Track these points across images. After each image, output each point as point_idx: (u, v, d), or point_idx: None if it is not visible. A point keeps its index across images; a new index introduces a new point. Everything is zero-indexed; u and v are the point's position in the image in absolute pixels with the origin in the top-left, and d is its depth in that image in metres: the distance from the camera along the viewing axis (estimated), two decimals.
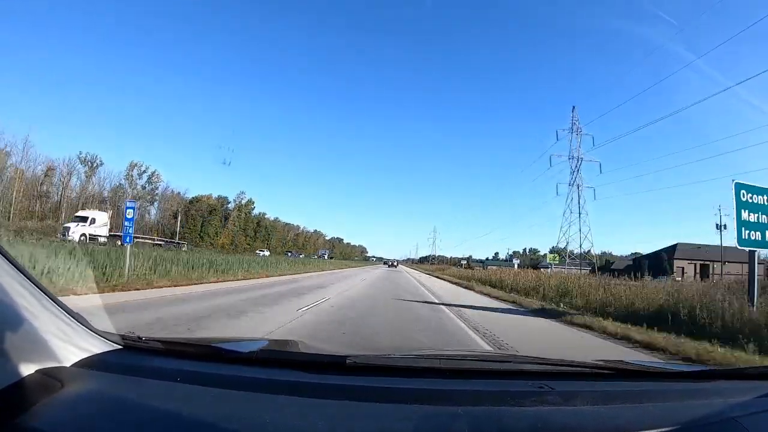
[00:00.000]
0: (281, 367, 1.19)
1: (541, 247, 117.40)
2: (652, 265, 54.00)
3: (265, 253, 59.92)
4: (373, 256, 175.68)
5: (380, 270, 45.69)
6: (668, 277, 37.92)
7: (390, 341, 5.98)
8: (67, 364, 1.00)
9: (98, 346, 1.13)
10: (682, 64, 38.05)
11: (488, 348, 5.82)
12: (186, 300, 8.98)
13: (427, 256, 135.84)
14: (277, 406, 0.94)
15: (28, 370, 0.89)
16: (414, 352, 1.57)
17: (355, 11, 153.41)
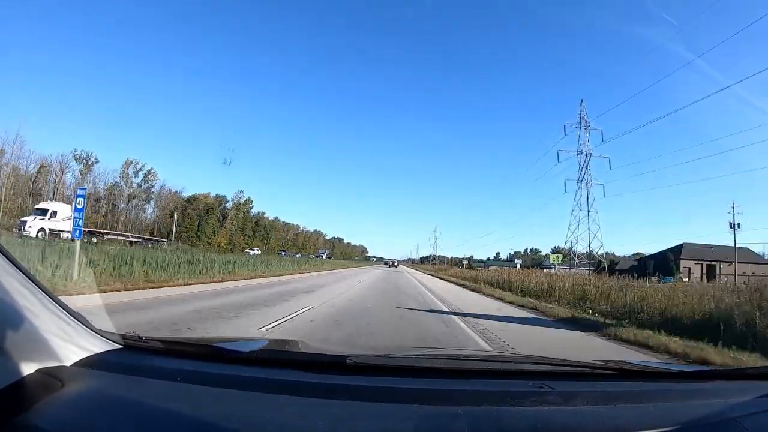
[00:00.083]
0: (281, 367, 1.19)
1: (542, 247, 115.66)
2: (658, 265, 51.67)
3: (256, 252, 55.90)
4: (374, 256, 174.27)
5: (380, 270, 43.62)
6: (674, 278, 35.73)
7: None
8: (68, 364, 1.00)
9: (98, 346, 1.13)
10: (684, 62, 36.10)
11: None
12: (115, 311, 6.83)
13: (427, 256, 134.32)
14: (278, 406, 0.95)
15: (29, 370, 0.89)
16: (414, 352, 1.59)
17: (355, 11, 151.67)
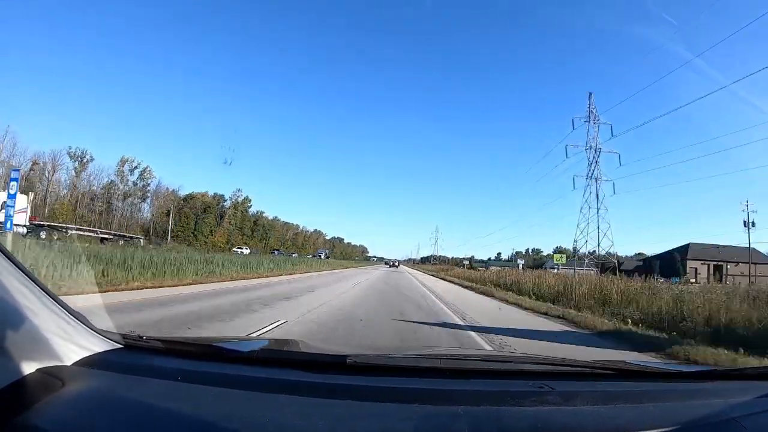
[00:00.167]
0: (282, 367, 1.20)
1: (543, 247, 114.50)
2: (664, 265, 49.97)
3: (245, 250, 53.05)
4: (374, 256, 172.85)
5: (380, 271, 42.04)
6: (681, 279, 34.00)
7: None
8: (68, 363, 1.00)
9: (99, 345, 1.13)
10: (684, 62, 34.24)
11: None
12: None
13: (428, 257, 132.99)
14: (278, 406, 0.96)
15: (29, 369, 0.90)
16: (415, 352, 1.57)
17: (355, 11, 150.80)
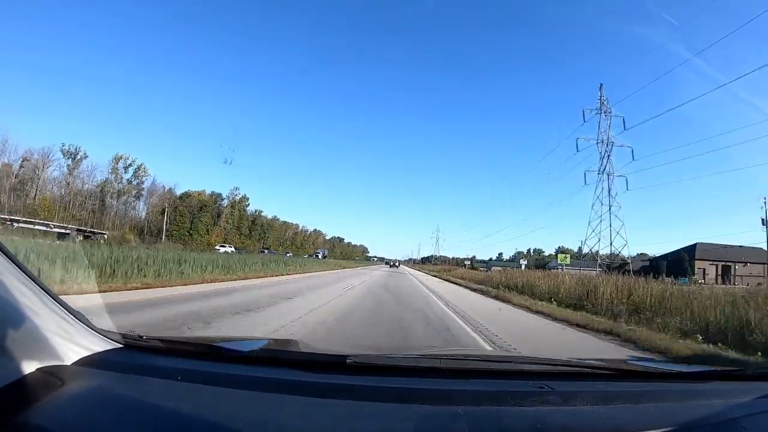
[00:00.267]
0: (282, 366, 1.20)
1: (545, 247, 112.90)
2: (671, 266, 48.12)
3: (227, 249, 48.58)
4: (375, 256, 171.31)
5: (380, 271, 40.33)
6: (689, 279, 32.10)
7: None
8: (68, 363, 1.01)
9: (99, 345, 1.14)
10: (682, 62, 32.30)
11: None
12: None
13: (429, 257, 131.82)
14: (278, 405, 0.96)
15: (29, 368, 0.90)
16: (415, 352, 1.59)
17: (355, 11, 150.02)
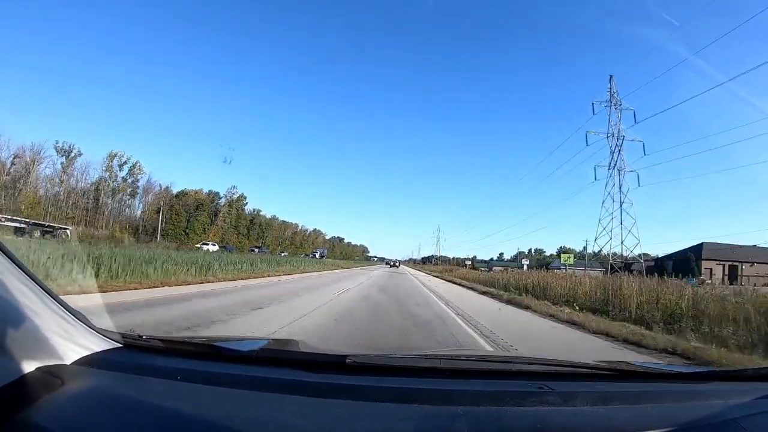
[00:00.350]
0: (281, 366, 1.20)
1: (546, 247, 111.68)
2: (677, 266, 46.61)
3: (210, 247, 44.28)
4: (375, 256, 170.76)
5: (379, 272, 39.06)
6: (696, 280, 30.49)
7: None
8: (68, 362, 1.01)
9: (99, 345, 1.14)
10: (684, 62, 30.61)
11: None
12: None
13: (429, 257, 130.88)
14: (278, 405, 0.97)
15: (29, 368, 0.91)
16: (415, 353, 1.58)
17: (355, 11, 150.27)
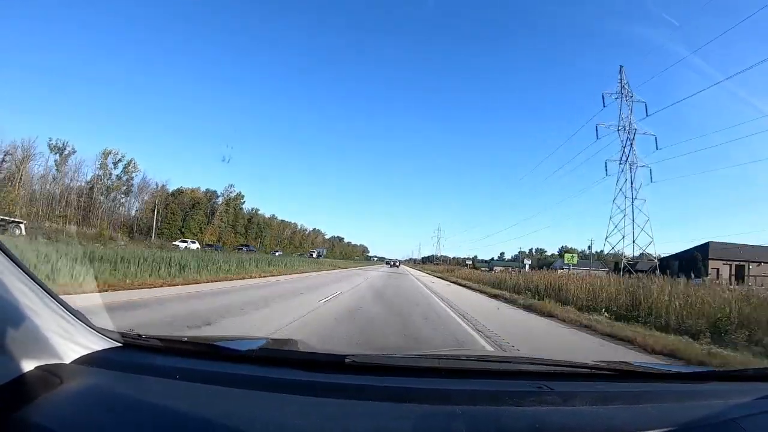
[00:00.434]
0: (280, 366, 1.21)
1: (547, 246, 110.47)
2: (683, 265, 45.14)
3: (190, 245, 40.51)
4: (375, 256, 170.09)
5: (379, 272, 38.04)
6: (702, 280, 29.09)
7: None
8: (67, 361, 1.02)
9: (98, 344, 1.15)
10: (685, 63, 29.32)
11: None
12: None
13: (429, 256, 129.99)
14: (277, 404, 0.97)
15: (28, 367, 0.92)
16: (414, 352, 1.58)
17: (355, 11, 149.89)
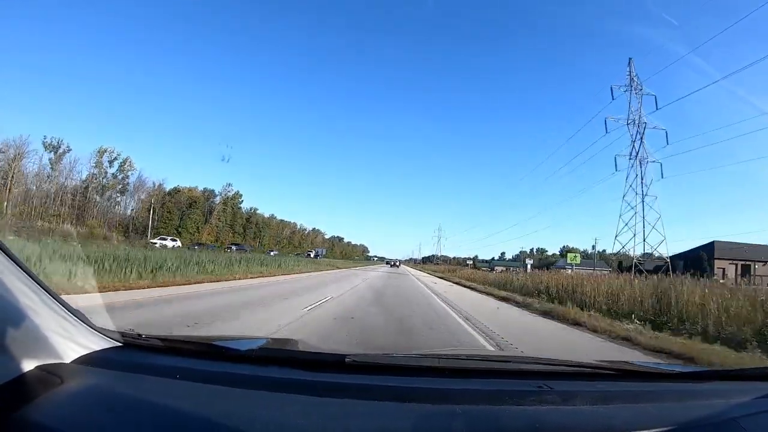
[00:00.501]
0: (281, 365, 1.20)
1: (548, 246, 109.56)
2: (688, 265, 44.01)
3: (169, 243, 38.33)
4: (375, 256, 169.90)
5: (378, 272, 37.49)
6: (709, 279, 28.14)
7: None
8: (67, 361, 1.02)
9: (98, 343, 1.15)
10: (684, 62, 28.30)
11: None
12: None
13: (430, 256, 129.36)
14: (277, 404, 0.98)
15: (28, 366, 0.92)
16: (414, 352, 1.58)
17: (355, 11, 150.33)
